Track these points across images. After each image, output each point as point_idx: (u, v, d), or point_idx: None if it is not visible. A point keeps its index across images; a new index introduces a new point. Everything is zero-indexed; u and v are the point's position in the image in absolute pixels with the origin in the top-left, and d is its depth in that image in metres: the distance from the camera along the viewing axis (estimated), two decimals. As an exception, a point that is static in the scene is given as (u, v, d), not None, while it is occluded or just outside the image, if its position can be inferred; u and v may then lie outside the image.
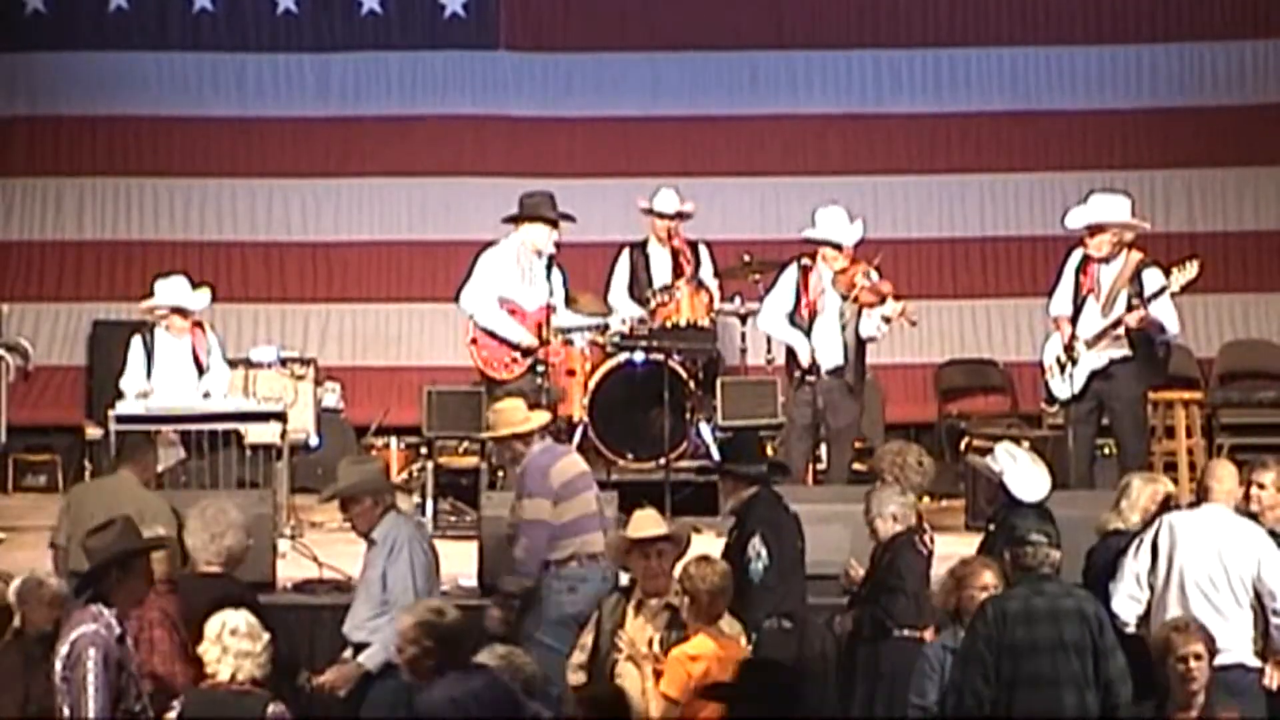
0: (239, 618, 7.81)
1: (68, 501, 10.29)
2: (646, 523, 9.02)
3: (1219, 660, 8.49)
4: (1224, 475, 9.06)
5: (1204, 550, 8.72)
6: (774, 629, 9.19)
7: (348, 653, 9.16)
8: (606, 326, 12.82)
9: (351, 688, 8.99)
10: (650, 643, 8.67)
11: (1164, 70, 15.96)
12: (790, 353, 12.32)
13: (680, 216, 13.81)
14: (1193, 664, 7.77)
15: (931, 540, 9.67)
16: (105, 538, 8.18)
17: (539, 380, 11.93)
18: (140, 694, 8.05)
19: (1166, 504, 9.19)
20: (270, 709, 7.67)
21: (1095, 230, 11.78)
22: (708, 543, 10.21)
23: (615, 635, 8.73)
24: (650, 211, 13.76)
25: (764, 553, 9.32)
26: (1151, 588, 8.80)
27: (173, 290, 12.22)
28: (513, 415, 9.78)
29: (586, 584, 9.47)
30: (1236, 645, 8.64)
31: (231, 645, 7.72)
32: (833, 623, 9.41)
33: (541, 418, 9.93)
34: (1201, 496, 9.04)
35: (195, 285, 12.39)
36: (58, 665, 7.82)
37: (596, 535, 9.57)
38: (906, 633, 9.16)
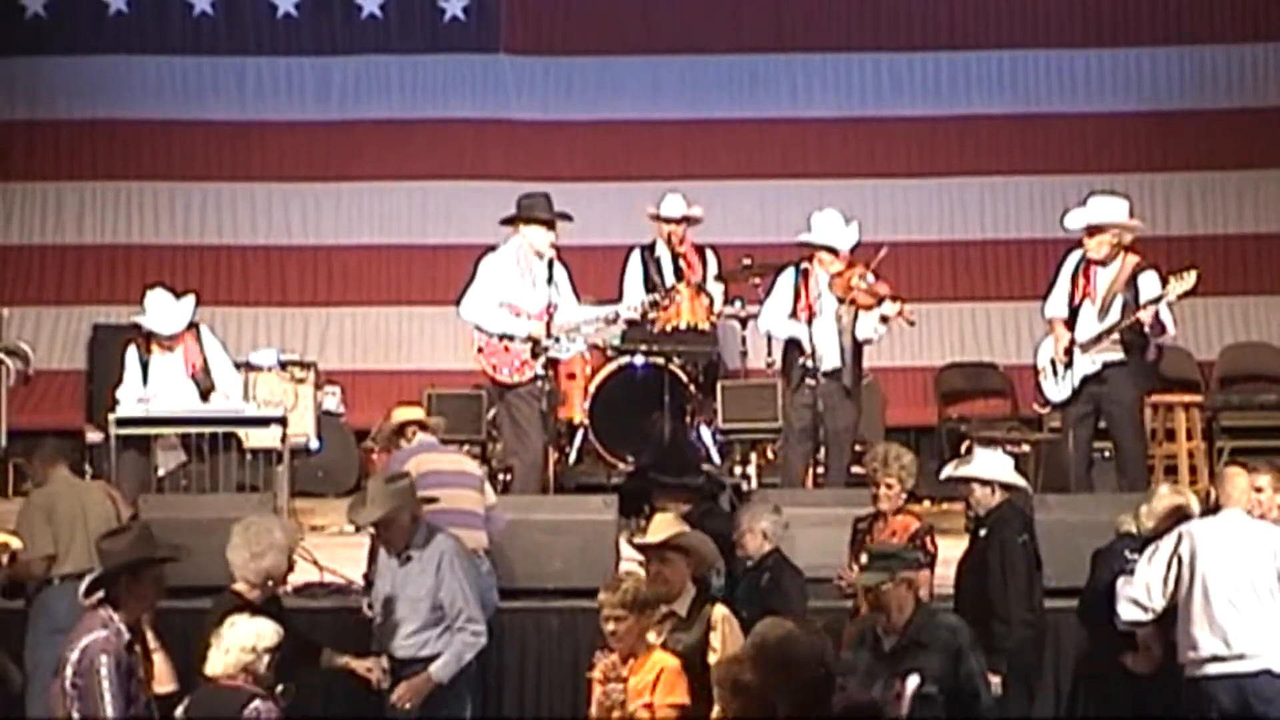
0: (241, 616, 7.86)
1: (46, 508, 10.06)
2: (658, 529, 8.96)
3: (1245, 667, 8.49)
4: (1240, 480, 8.97)
5: (1226, 556, 8.64)
6: None
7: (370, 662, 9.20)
8: (617, 315, 12.79)
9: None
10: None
11: (1164, 73, 15.96)
12: (787, 356, 12.30)
13: (687, 221, 13.82)
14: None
15: (935, 544, 9.68)
16: (119, 543, 8.19)
17: (540, 382, 11.91)
18: (149, 700, 8.07)
19: (1179, 516, 9.15)
20: (253, 704, 7.62)
21: (1094, 231, 11.78)
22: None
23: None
24: (657, 217, 13.79)
25: (721, 569, 9.20)
26: (1167, 596, 8.74)
27: (150, 314, 12.07)
28: (400, 414, 10.50)
29: None
30: (1264, 651, 8.54)
31: (224, 636, 7.74)
32: None
33: (414, 414, 10.55)
34: (1219, 503, 9.00)
35: (179, 294, 12.24)
36: (68, 671, 7.83)
37: (465, 532, 9.61)
38: None
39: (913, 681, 7.97)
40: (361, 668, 9.05)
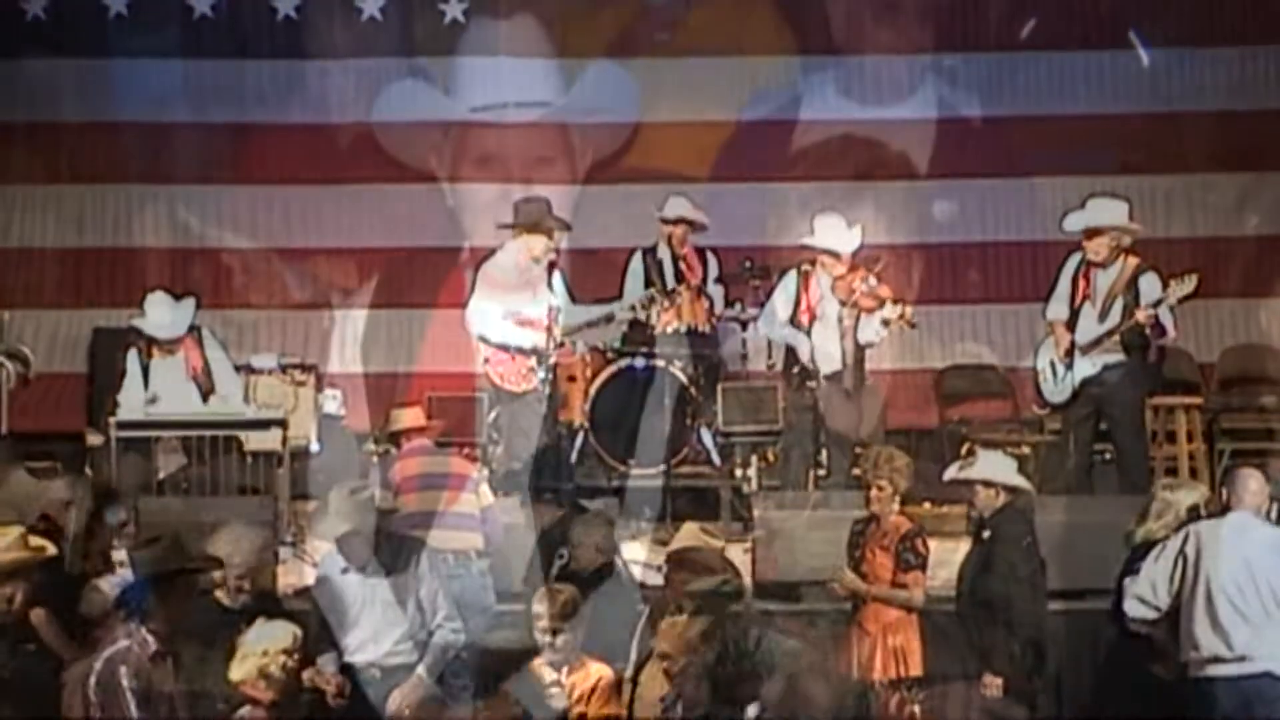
0: (257, 621, 8.11)
1: None
2: (680, 540, 8.99)
3: (1246, 669, 8.49)
4: (1252, 482, 8.99)
5: (1231, 557, 8.66)
6: None
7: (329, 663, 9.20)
8: (613, 315, 12.81)
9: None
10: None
11: (1164, 74, 15.94)
12: (788, 358, 12.32)
13: (688, 224, 13.83)
14: None
15: (926, 546, 9.68)
16: (152, 552, 8.22)
17: (542, 386, 11.93)
18: (174, 710, 8.10)
19: (1193, 512, 9.15)
20: (238, 712, 7.90)
21: (1092, 233, 11.80)
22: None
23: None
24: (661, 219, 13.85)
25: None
26: (1173, 594, 8.74)
27: (149, 318, 12.07)
28: (399, 418, 10.66)
29: None
30: (1265, 653, 8.57)
31: (243, 643, 7.98)
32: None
33: (412, 417, 10.70)
34: (1229, 503, 8.99)
35: (179, 296, 12.24)
36: (91, 680, 7.90)
37: (459, 534, 9.62)
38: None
39: (751, 711, 7.98)
40: (322, 680, 9.02)
